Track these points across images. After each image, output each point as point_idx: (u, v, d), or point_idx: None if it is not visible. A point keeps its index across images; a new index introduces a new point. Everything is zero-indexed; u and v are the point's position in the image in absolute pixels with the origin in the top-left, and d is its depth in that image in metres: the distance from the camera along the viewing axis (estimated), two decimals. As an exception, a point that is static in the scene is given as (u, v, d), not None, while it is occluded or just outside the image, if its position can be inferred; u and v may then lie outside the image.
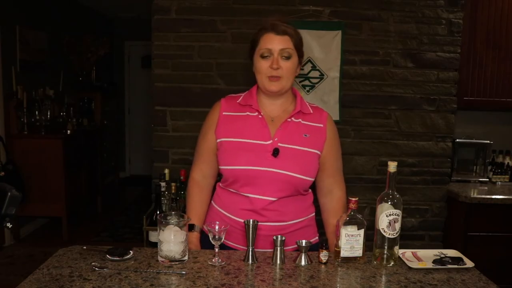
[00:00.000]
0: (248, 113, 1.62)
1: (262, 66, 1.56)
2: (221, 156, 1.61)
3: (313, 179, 1.61)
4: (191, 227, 1.62)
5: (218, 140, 1.62)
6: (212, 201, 1.72)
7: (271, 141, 1.56)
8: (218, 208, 1.67)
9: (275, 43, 1.55)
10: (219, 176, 1.70)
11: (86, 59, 5.56)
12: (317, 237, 1.70)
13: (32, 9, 4.55)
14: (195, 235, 1.64)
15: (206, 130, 1.67)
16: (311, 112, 1.65)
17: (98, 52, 5.63)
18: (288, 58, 1.56)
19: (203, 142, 1.68)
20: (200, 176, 1.71)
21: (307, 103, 1.67)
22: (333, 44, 2.75)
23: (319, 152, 1.61)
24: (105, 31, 6.52)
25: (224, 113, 1.64)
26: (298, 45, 1.59)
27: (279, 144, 1.56)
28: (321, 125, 1.64)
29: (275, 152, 1.54)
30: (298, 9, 2.73)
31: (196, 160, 1.72)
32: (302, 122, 1.62)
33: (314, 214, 1.71)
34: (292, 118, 1.61)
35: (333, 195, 1.69)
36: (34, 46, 4.58)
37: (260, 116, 1.61)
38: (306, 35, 2.72)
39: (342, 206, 1.68)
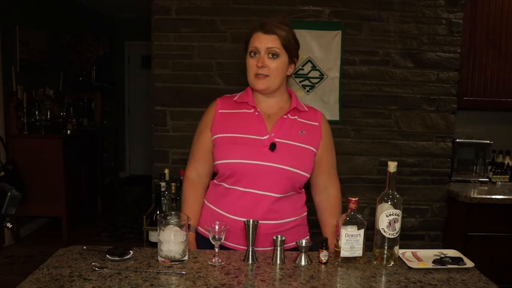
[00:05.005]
0: (244, 110, 1.64)
1: (250, 64, 1.61)
2: (217, 151, 1.61)
3: (308, 176, 1.62)
4: None
5: (214, 137, 1.63)
6: (205, 200, 1.70)
7: (267, 136, 1.58)
8: (212, 207, 1.65)
9: (262, 42, 1.57)
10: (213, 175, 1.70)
11: (86, 59, 5.55)
12: (308, 237, 1.71)
13: (32, 9, 4.55)
14: (190, 235, 1.64)
15: (201, 129, 1.68)
16: (306, 110, 1.68)
17: (98, 52, 5.63)
18: (274, 57, 1.57)
19: (198, 141, 1.69)
20: (195, 175, 1.71)
21: (301, 103, 1.70)
22: (333, 44, 2.75)
23: (315, 150, 1.63)
24: (105, 31, 6.52)
25: (220, 111, 1.66)
26: (288, 45, 1.60)
27: (276, 139, 1.57)
28: (316, 124, 1.66)
29: (272, 146, 1.56)
30: (298, 9, 2.73)
31: (191, 159, 1.73)
32: (298, 119, 1.65)
33: (306, 214, 1.71)
34: (288, 115, 1.63)
35: (329, 193, 1.70)
36: (34, 46, 4.58)
37: (256, 113, 1.63)
38: (306, 35, 2.72)
39: (337, 203, 1.71)
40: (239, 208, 1.56)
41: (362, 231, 1.42)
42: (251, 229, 1.42)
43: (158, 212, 2.38)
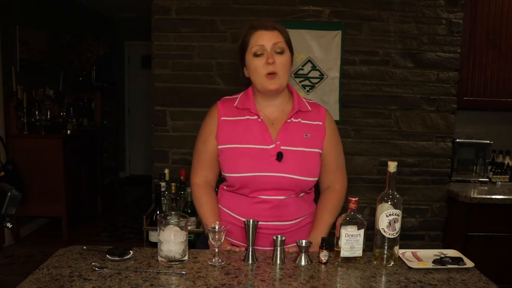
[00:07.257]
0: (247, 117, 1.61)
1: (257, 65, 1.55)
2: (224, 163, 1.60)
3: (317, 179, 1.62)
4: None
5: (220, 147, 1.61)
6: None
7: (273, 145, 1.56)
8: (223, 209, 1.67)
9: (266, 38, 1.54)
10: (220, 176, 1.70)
11: (86, 59, 5.55)
12: None
13: (32, 9, 4.55)
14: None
15: (206, 135, 1.65)
16: (310, 109, 1.64)
17: (98, 52, 5.63)
18: (281, 53, 1.55)
19: (203, 148, 1.65)
20: (204, 182, 1.68)
21: (304, 100, 1.66)
22: (333, 44, 2.75)
23: (320, 151, 1.62)
24: (105, 31, 6.52)
25: (222, 118, 1.62)
26: (289, 41, 1.59)
27: (282, 147, 1.56)
28: (320, 123, 1.64)
29: (279, 156, 1.54)
30: (298, 9, 2.73)
31: (197, 166, 1.68)
32: (302, 121, 1.62)
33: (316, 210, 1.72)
34: (292, 119, 1.61)
35: (333, 188, 1.70)
36: (34, 46, 4.58)
37: (259, 120, 1.60)
38: (306, 35, 2.72)
39: (338, 196, 1.68)
40: (250, 213, 1.56)
41: (362, 231, 1.42)
42: (251, 229, 1.42)
43: (158, 212, 2.38)
